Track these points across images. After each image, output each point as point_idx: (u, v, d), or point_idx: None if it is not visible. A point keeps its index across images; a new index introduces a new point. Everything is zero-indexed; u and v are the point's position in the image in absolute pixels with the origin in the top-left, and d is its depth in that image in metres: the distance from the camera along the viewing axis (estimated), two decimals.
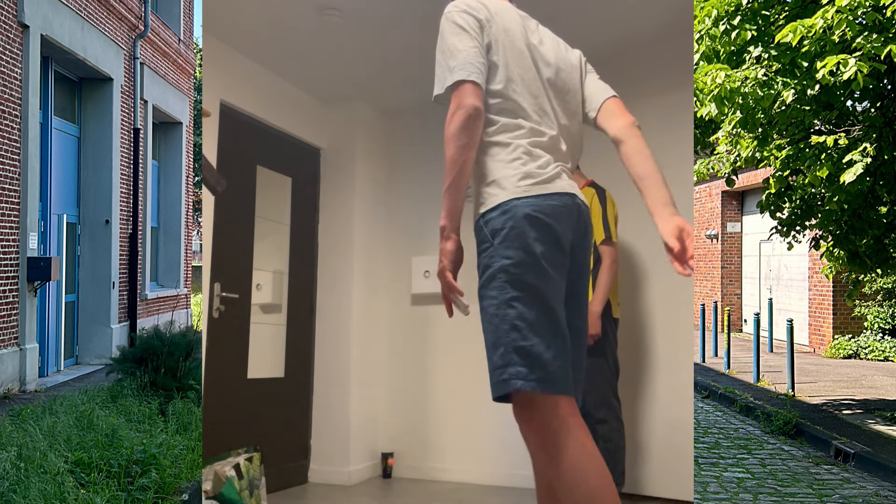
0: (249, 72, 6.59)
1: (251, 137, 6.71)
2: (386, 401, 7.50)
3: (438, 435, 7.15)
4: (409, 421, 7.34)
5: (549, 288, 2.61)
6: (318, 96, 7.40)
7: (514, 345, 2.54)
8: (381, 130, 7.83)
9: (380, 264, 7.62)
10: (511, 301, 2.58)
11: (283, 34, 6.15)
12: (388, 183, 7.84)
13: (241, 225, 6.53)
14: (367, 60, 6.62)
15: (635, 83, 6.46)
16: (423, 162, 7.66)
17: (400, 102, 7.60)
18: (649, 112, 6.36)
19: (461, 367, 7.13)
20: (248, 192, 6.66)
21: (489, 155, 2.77)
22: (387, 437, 7.42)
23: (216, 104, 6.23)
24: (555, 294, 2.63)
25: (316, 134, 7.44)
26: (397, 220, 7.70)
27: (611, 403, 5.16)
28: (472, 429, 7.01)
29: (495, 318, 2.59)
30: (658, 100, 6.34)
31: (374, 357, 7.41)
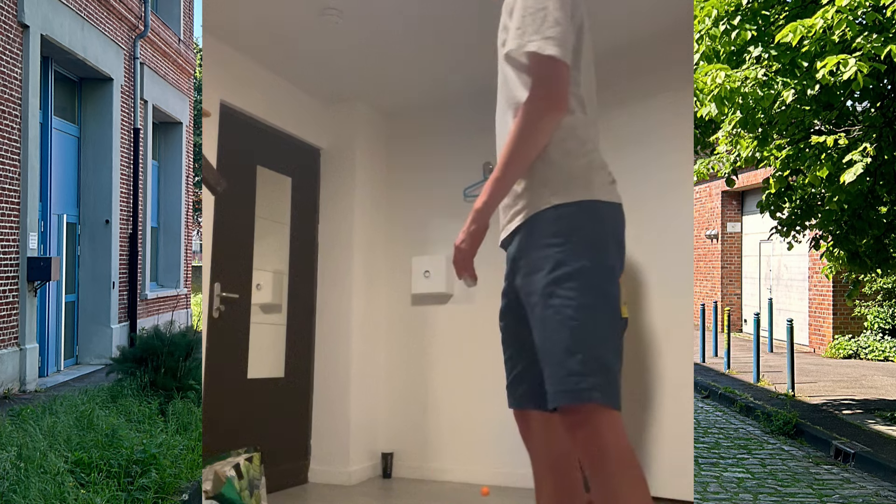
0: (249, 72, 6.59)
1: (251, 137, 6.71)
2: (386, 401, 7.50)
3: (438, 435, 7.15)
4: (409, 421, 7.34)
5: (618, 299, 2.55)
6: (318, 96, 7.40)
7: (594, 353, 2.43)
8: (381, 130, 7.83)
9: (380, 264, 7.62)
10: (592, 307, 2.47)
11: (283, 34, 6.15)
12: (388, 183, 7.84)
13: (241, 225, 6.53)
14: (367, 60, 6.62)
15: (635, 83, 6.46)
16: (423, 162, 7.66)
17: (400, 102, 7.60)
18: (649, 112, 6.36)
19: (461, 367, 7.13)
20: (248, 192, 6.66)
21: (565, 148, 2.61)
22: (387, 437, 7.42)
23: (216, 104, 6.23)
24: (619, 305, 2.58)
25: (316, 134, 7.44)
26: (397, 220, 7.70)
27: None
28: (472, 429, 7.01)
29: (573, 321, 2.45)
30: (658, 100, 6.34)
31: (374, 357, 7.41)
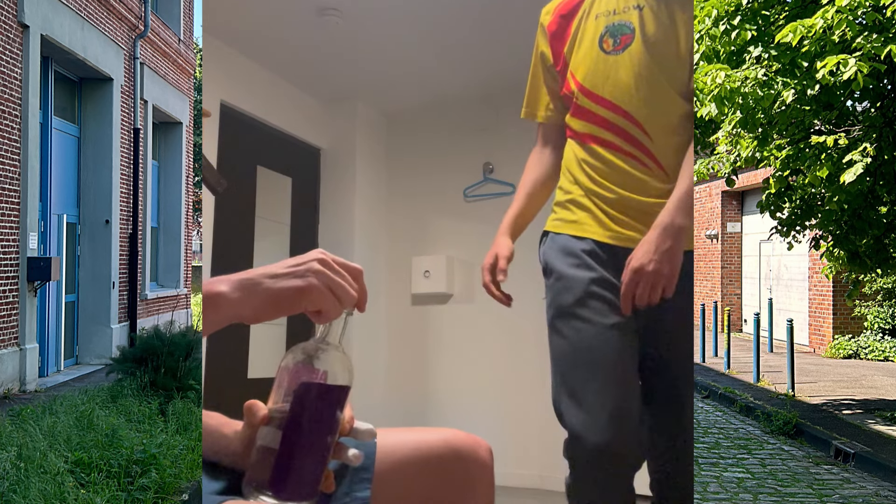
0: (249, 72, 6.59)
1: (251, 137, 6.71)
2: (386, 401, 7.49)
3: None
4: (409, 420, 7.33)
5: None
6: (318, 96, 7.40)
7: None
8: (381, 130, 7.83)
9: (380, 264, 7.62)
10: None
11: (283, 34, 6.15)
12: (388, 183, 7.84)
13: (241, 225, 6.53)
14: (367, 60, 6.62)
15: None
16: (423, 162, 7.66)
17: (400, 102, 7.60)
18: None
19: (461, 367, 7.13)
20: (248, 192, 6.66)
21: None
22: None
23: (216, 104, 6.22)
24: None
25: (316, 134, 7.44)
26: (397, 220, 7.70)
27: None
28: (472, 428, 7.00)
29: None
30: None
31: (374, 357, 7.41)
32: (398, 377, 7.45)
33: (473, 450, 1.77)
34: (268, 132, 6.90)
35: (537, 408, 6.77)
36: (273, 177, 6.97)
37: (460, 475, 1.74)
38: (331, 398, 1.46)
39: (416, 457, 1.73)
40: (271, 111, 6.84)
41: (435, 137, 7.62)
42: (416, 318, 7.42)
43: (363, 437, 1.55)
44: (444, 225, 7.41)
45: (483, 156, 7.31)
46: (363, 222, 7.40)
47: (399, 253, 7.63)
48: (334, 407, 1.47)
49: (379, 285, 7.58)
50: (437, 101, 7.58)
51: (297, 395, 1.45)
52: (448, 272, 7.18)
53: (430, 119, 7.68)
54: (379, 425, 7.31)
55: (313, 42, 6.28)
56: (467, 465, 1.75)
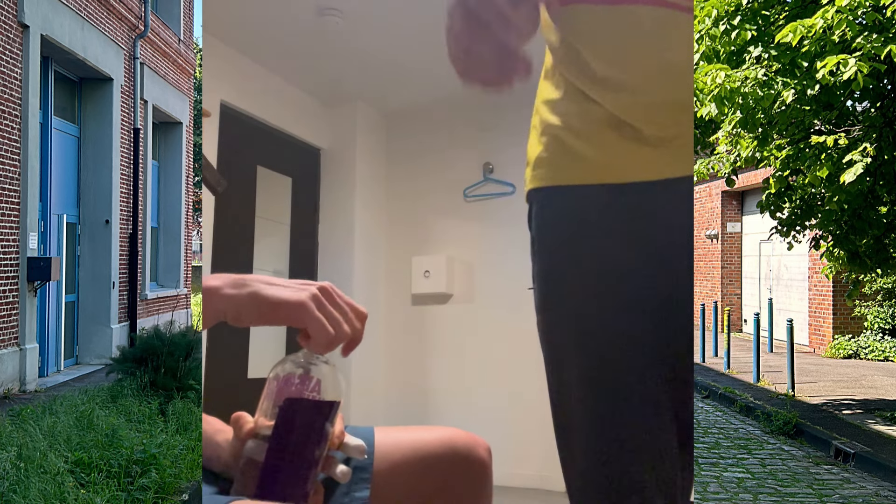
0: (249, 72, 6.59)
1: (251, 137, 6.71)
2: (386, 400, 7.49)
3: None
4: (409, 420, 7.33)
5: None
6: (318, 97, 7.40)
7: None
8: (381, 130, 7.83)
9: (380, 264, 7.62)
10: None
11: (283, 34, 6.15)
12: (388, 183, 7.84)
13: (241, 225, 6.53)
14: (367, 60, 6.62)
15: None
16: (423, 162, 7.66)
17: (400, 102, 7.60)
18: None
19: (461, 367, 7.13)
20: (248, 192, 6.66)
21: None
22: None
23: (216, 104, 6.22)
24: None
25: (316, 134, 7.44)
26: (397, 220, 7.70)
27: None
28: (471, 428, 7.00)
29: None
30: None
31: (374, 357, 7.41)
32: (398, 377, 7.45)
33: (472, 449, 1.77)
34: (268, 132, 6.90)
35: (537, 408, 6.77)
36: (273, 177, 6.97)
37: (459, 474, 1.74)
38: (318, 413, 1.44)
39: (416, 456, 1.73)
40: (271, 111, 6.84)
41: (435, 138, 7.62)
42: (416, 317, 7.42)
43: (353, 452, 1.54)
44: (444, 225, 7.41)
45: (483, 156, 7.32)
46: (363, 222, 7.40)
47: (399, 253, 7.63)
48: (322, 421, 1.45)
49: (379, 285, 7.58)
50: (437, 101, 7.58)
51: (283, 409, 1.43)
52: (448, 272, 7.18)
53: (430, 119, 7.68)
54: (378, 424, 7.32)
55: (313, 42, 6.29)
56: (466, 464, 1.75)
